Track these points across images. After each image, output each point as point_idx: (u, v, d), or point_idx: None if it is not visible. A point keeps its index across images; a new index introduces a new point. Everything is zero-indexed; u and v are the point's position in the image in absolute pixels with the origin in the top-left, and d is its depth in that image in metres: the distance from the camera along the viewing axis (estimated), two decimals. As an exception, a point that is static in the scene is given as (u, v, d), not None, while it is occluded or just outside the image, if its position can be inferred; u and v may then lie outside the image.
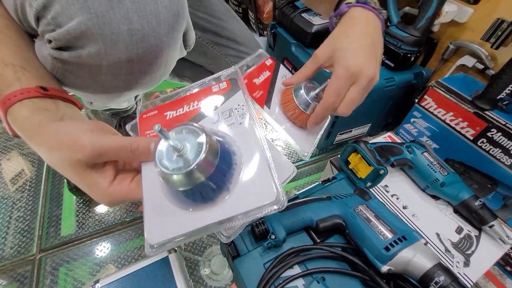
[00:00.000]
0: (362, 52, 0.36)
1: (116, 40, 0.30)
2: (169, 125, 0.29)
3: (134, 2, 0.29)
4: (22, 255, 0.53)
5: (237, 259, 0.42)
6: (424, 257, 0.37)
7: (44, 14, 0.29)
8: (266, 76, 0.41)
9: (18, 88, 0.28)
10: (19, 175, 0.71)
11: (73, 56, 0.31)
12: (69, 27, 0.28)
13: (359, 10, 0.38)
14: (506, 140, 0.52)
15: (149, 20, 0.31)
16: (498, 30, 0.61)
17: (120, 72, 0.33)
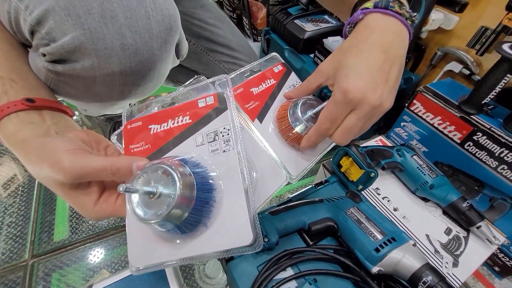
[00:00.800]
0: (369, 73, 0.29)
1: (110, 54, 0.31)
2: (153, 142, 0.30)
3: (127, 18, 0.30)
4: (14, 261, 0.53)
5: (231, 262, 0.43)
6: (413, 258, 0.38)
7: (38, 28, 0.29)
8: (269, 85, 0.37)
9: (5, 102, 0.28)
10: (12, 180, 0.70)
11: (67, 69, 0.31)
12: (63, 42, 0.29)
13: (377, 17, 0.30)
14: (491, 144, 0.54)
15: (142, 35, 0.32)
16: (483, 37, 0.64)
17: (114, 84, 0.34)
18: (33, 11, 0.28)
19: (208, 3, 0.63)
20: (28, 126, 0.28)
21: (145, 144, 0.30)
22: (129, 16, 0.30)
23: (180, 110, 0.31)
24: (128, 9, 0.30)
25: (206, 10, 0.61)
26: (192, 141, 0.30)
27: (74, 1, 0.28)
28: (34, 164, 0.26)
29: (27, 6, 0.29)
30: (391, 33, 0.30)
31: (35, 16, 0.28)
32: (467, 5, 0.65)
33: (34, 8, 0.28)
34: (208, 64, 0.62)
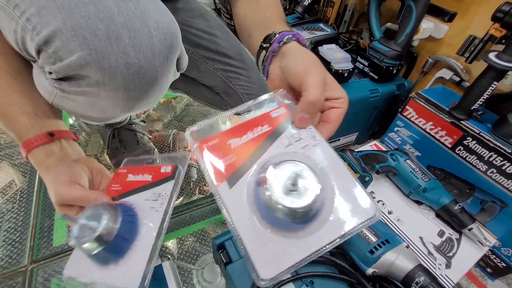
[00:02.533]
0: None
1: (114, 72, 0.32)
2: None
3: (131, 38, 0.32)
4: (13, 267, 0.53)
5: (230, 265, 0.44)
6: (406, 259, 0.39)
7: (45, 48, 0.31)
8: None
9: (33, 135, 0.37)
10: (9, 186, 0.70)
11: (73, 86, 0.33)
12: (69, 61, 0.30)
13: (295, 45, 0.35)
14: (480, 148, 0.56)
15: (145, 53, 0.33)
16: (471, 46, 0.66)
17: (118, 99, 0.36)
18: (41, 31, 0.30)
19: (206, 12, 0.64)
20: (52, 156, 0.39)
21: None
22: (133, 36, 0.32)
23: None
24: (132, 30, 0.32)
25: (204, 19, 0.62)
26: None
27: (81, 23, 0.30)
28: (48, 185, 0.38)
29: (34, 27, 0.30)
30: None
31: (42, 37, 0.30)
32: (456, 15, 0.68)
33: (41, 28, 0.30)
34: (206, 72, 0.63)
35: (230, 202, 0.26)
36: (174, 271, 0.48)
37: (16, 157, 0.76)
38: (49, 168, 0.38)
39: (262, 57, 0.38)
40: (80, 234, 0.33)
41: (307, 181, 0.25)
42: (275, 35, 0.36)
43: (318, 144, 0.30)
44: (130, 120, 0.76)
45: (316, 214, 0.26)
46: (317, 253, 0.24)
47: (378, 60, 0.74)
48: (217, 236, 0.47)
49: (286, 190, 0.24)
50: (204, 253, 0.60)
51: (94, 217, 0.34)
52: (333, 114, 0.32)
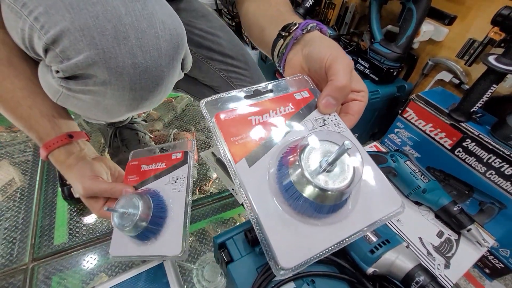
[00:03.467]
0: None
1: (121, 72, 0.33)
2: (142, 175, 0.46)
3: (138, 39, 0.32)
4: (14, 265, 0.53)
5: (231, 264, 0.44)
6: (406, 259, 0.39)
7: (53, 47, 0.31)
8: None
9: (53, 136, 0.41)
10: (9, 184, 0.70)
11: (80, 85, 0.34)
12: (77, 60, 0.31)
13: None
14: (479, 150, 0.56)
15: (152, 54, 0.34)
16: (471, 49, 0.67)
17: (123, 98, 0.36)
18: (49, 30, 0.30)
19: (209, 13, 0.65)
20: (72, 156, 0.43)
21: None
22: (140, 36, 0.32)
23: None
24: (139, 30, 0.32)
25: (206, 20, 0.63)
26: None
27: (89, 23, 0.30)
28: (73, 181, 0.42)
29: (42, 26, 0.30)
30: None
31: (51, 36, 0.30)
32: (456, 18, 0.69)
33: (49, 28, 0.30)
34: (208, 72, 0.63)
35: (249, 182, 0.23)
36: (175, 269, 0.48)
37: (17, 155, 0.76)
38: (71, 166, 0.42)
39: (279, 46, 0.37)
40: (121, 221, 0.39)
41: (343, 163, 0.22)
42: (295, 24, 0.35)
43: (343, 132, 0.29)
44: (132, 119, 0.76)
45: (345, 201, 0.23)
46: (341, 243, 0.22)
47: (378, 62, 0.74)
48: (218, 235, 0.47)
49: (320, 169, 0.21)
50: (205, 253, 0.60)
51: (130, 205, 0.39)
52: (355, 106, 0.31)
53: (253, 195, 0.23)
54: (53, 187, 0.68)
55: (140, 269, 0.46)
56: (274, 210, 0.23)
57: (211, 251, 0.61)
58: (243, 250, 0.45)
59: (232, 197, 0.72)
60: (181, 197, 0.43)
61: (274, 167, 0.24)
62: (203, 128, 0.92)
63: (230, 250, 0.45)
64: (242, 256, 0.45)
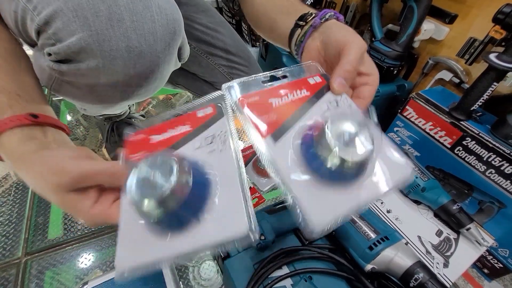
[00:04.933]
0: None
1: (115, 56, 0.31)
2: (154, 149, 0.30)
3: (133, 21, 0.31)
4: (6, 258, 0.52)
5: (227, 260, 0.43)
6: (405, 256, 0.39)
7: (45, 29, 0.30)
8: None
9: (10, 115, 0.29)
10: (5, 178, 0.70)
11: (72, 69, 0.32)
12: (69, 42, 0.30)
13: None
14: (479, 148, 0.56)
15: (147, 38, 0.32)
16: (471, 48, 0.67)
17: (117, 84, 0.35)
18: (41, 11, 0.29)
19: (210, 9, 0.64)
20: (31, 142, 0.29)
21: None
22: (135, 19, 0.31)
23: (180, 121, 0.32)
24: (134, 13, 0.31)
25: (207, 15, 0.62)
26: (191, 146, 0.30)
27: (82, 3, 0.29)
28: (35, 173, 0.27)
29: (35, 7, 0.29)
30: None
31: (43, 17, 0.29)
32: (457, 17, 0.69)
33: (42, 8, 0.29)
34: (208, 67, 0.63)
35: (276, 155, 0.26)
36: (171, 265, 0.47)
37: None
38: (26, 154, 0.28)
39: (297, 35, 0.38)
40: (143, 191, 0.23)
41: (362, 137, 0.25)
42: (311, 14, 0.37)
43: (354, 112, 0.31)
44: (130, 114, 0.75)
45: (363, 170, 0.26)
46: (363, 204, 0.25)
47: (379, 60, 0.74)
48: (215, 231, 0.46)
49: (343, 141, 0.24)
50: (201, 249, 0.60)
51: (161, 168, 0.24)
52: (366, 90, 0.33)
53: (281, 167, 0.26)
54: (49, 181, 0.67)
55: (135, 264, 0.46)
56: (300, 178, 0.25)
57: (208, 248, 0.60)
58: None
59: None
60: (226, 156, 0.29)
61: (298, 141, 0.27)
62: (201, 125, 0.92)
63: (227, 246, 0.45)
64: (239, 252, 0.44)
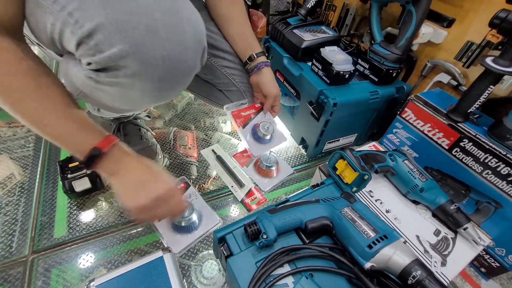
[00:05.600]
0: None
1: (151, 64, 0.35)
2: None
3: (167, 33, 0.35)
4: (14, 257, 0.53)
5: (230, 258, 0.44)
6: (403, 254, 0.40)
7: (87, 41, 0.32)
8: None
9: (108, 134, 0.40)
10: (9, 178, 0.70)
11: (110, 76, 0.35)
12: (110, 53, 0.33)
13: None
14: (476, 150, 0.57)
15: (179, 48, 0.37)
16: (469, 51, 0.68)
17: (149, 89, 0.39)
18: (83, 25, 0.31)
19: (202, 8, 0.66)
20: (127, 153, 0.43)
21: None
22: (169, 31, 0.35)
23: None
24: (168, 26, 0.35)
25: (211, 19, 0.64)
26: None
27: (123, 18, 0.32)
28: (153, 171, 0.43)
29: (76, 21, 0.32)
30: None
31: (86, 30, 0.32)
32: (455, 21, 0.70)
33: (84, 22, 0.31)
34: (211, 69, 0.64)
35: (243, 133, 0.69)
36: (174, 263, 0.48)
37: (16, 150, 0.76)
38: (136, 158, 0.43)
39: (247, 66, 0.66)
40: None
41: (271, 127, 0.70)
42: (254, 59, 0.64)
43: (270, 118, 0.72)
44: (136, 114, 0.77)
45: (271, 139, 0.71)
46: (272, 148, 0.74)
47: (378, 63, 0.75)
48: (218, 230, 0.47)
49: (265, 129, 0.69)
50: (203, 250, 0.61)
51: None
52: (276, 109, 0.71)
53: (243, 137, 0.69)
54: (54, 181, 0.68)
55: (140, 262, 0.47)
56: (250, 139, 0.70)
57: (210, 247, 0.61)
58: (243, 244, 0.46)
59: (231, 194, 0.72)
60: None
61: (250, 128, 0.70)
62: (203, 126, 0.93)
63: (230, 245, 0.46)
64: (241, 250, 0.45)
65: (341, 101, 0.70)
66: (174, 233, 0.59)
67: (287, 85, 0.88)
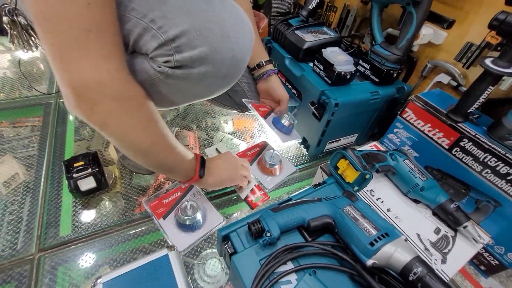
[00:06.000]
0: None
1: (222, 64, 0.42)
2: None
3: (236, 37, 0.42)
4: (21, 255, 0.54)
5: (234, 255, 0.45)
6: (404, 251, 0.41)
7: (169, 43, 0.37)
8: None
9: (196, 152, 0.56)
10: (13, 178, 0.71)
11: (185, 73, 0.40)
12: (191, 54, 0.38)
13: None
14: (476, 149, 0.58)
15: (243, 49, 0.44)
16: (468, 52, 0.69)
17: (213, 85, 0.47)
18: (168, 31, 0.37)
19: None
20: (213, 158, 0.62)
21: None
22: (237, 36, 0.42)
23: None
24: (236, 31, 0.42)
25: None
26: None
27: (204, 25, 0.38)
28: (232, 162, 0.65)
29: (160, 27, 0.36)
30: None
31: (171, 35, 0.37)
32: (455, 22, 0.71)
33: (169, 28, 0.36)
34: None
35: (266, 122, 0.77)
36: (179, 260, 0.49)
37: (20, 150, 0.77)
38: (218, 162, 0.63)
39: (254, 73, 0.76)
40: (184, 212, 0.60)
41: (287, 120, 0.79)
42: (262, 66, 0.74)
43: None
44: None
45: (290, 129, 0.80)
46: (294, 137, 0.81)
47: (379, 64, 0.76)
48: (222, 228, 0.48)
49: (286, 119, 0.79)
50: (206, 248, 0.62)
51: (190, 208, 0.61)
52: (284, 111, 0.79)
53: (268, 124, 0.78)
54: (59, 180, 0.69)
55: (145, 260, 0.47)
56: (273, 128, 0.78)
57: (212, 246, 0.62)
58: (247, 242, 0.47)
59: (235, 193, 0.73)
60: None
61: (271, 118, 0.79)
62: (204, 127, 0.94)
63: (234, 243, 0.47)
64: (245, 248, 0.46)
65: (342, 101, 0.70)
66: (178, 232, 0.60)
67: (288, 85, 0.89)
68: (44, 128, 0.82)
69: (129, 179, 0.72)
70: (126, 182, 0.71)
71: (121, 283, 0.44)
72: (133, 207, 0.66)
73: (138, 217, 0.64)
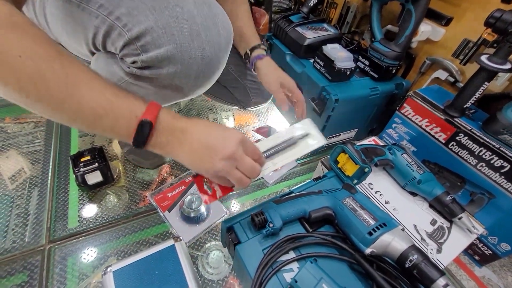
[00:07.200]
0: None
1: (192, 63, 0.39)
2: None
3: (207, 36, 0.39)
4: (32, 246, 0.56)
5: (238, 245, 0.47)
6: (401, 240, 0.43)
7: (134, 42, 0.36)
8: None
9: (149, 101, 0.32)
10: (19, 173, 0.72)
11: (153, 74, 0.39)
12: (157, 53, 0.36)
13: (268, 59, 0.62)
14: (471, 143, 0.60)
15: (215, 48, 0.41)
16: (466, 49, 0.70)
17: (185, 86, 0.43)
18: (132, 28, 0.35)
19: None
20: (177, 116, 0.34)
21: None
22: (208, 34, 0.39)
23: None
24: (207, 29, 0.39)
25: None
26: None
27: (170, 23, 0.35)
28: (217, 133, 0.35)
29: (125, 25, 0.35)
30: None
31: (135, 32, 0.35)
32: (452, 19, 0.72)
33: (133, 26, 0.34)
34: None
35: None
36: (185, 251, 0.51)
37: (25, 145, 0.78)
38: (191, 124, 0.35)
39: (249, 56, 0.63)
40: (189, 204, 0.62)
41: None
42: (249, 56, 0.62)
43: None
44: None
45: None
46: None
47: (378, 60, 0.77)
48: (227, 220, 0.50)
49: None
50: (211, 240, 0.63)
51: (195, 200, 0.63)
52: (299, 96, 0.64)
53: None
54: (65, 175, 0.70)
55: (153, 250, 0.49)
56: None
57: (215, 238, 0.64)
58: (250, 233, 0.48)
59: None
60: None
61: None
62: (207, 122, 0.95)
63: (238, 233, 0.48)
64: (249, 238, 0.48)
65: (342, 97, 0.72)
66: (183, 224, 0.61)
67: (289, 81, 0.90)
68: (49, 124, 0.84)
69: (132, 174, 0.73)
70: (130, 176, 0.73)
71: (130, 272, 0.46)
72: (137, 200, 0.67)
73: (142, 210, 0.66)
